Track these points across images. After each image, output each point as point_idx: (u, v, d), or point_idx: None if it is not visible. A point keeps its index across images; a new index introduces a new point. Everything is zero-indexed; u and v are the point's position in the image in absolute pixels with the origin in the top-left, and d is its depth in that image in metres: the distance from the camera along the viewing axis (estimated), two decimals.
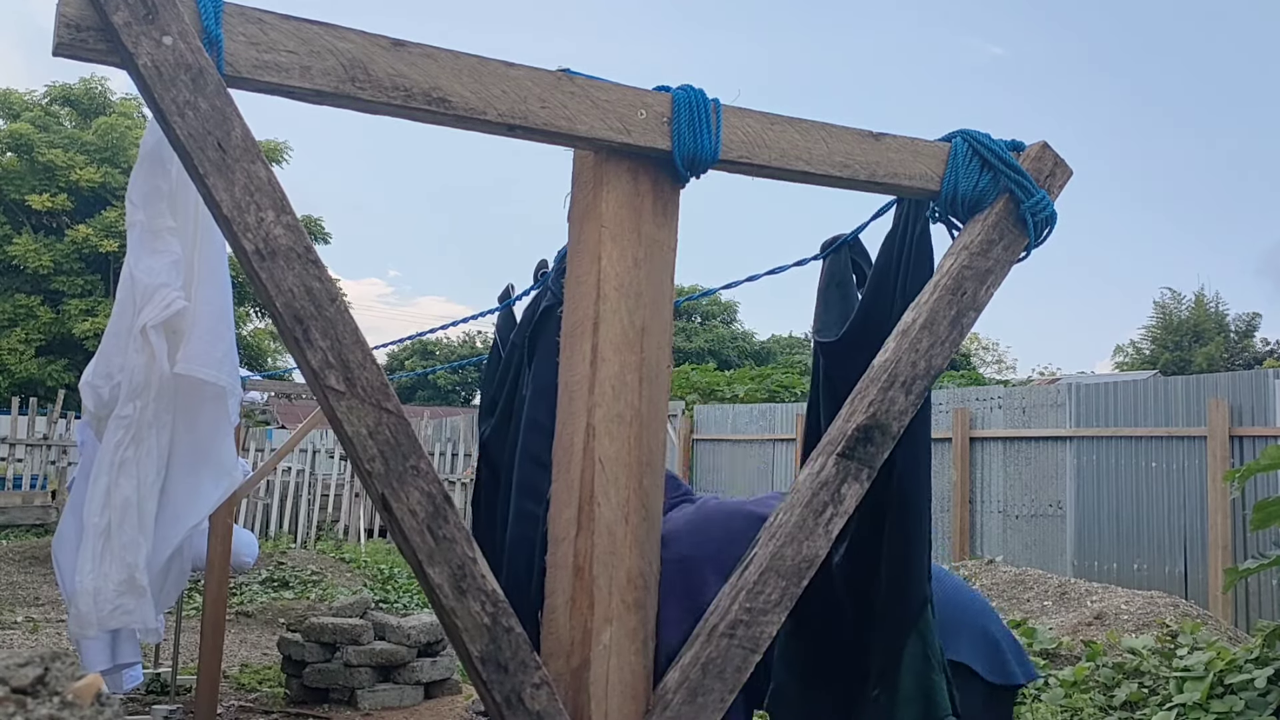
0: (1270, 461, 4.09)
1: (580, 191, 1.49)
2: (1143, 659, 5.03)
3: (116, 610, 3.07)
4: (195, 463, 3.31)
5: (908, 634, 1.62)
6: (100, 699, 0.83)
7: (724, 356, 33.26)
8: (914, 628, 1.62)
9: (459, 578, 1.26)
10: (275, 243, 1.20)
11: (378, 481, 1.24)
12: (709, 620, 1.42)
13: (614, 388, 1.41)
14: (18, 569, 10.09)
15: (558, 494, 1.46)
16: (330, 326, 1.23)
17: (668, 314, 1.48)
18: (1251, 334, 34.70)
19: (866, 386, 1.53)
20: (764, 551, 1.44)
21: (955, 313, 1.55)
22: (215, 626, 4.65)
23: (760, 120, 1.48)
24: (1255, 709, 4.07)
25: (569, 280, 1.49)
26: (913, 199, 1.70)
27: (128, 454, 3.10)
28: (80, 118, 23.39)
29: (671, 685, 1.38)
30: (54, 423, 15.05)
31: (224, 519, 4.59)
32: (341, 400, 1.23)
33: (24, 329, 20.99)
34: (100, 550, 3.06)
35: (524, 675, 1.29)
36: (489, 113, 1.31)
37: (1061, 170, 1.65)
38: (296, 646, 5.91)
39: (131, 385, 3.11)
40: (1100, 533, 8.41)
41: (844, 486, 1.48)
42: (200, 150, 1.18)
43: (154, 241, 3.10)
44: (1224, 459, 7.52)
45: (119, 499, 3.08)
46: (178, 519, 3.28)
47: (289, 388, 6.55)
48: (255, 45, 1.21)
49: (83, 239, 20.98)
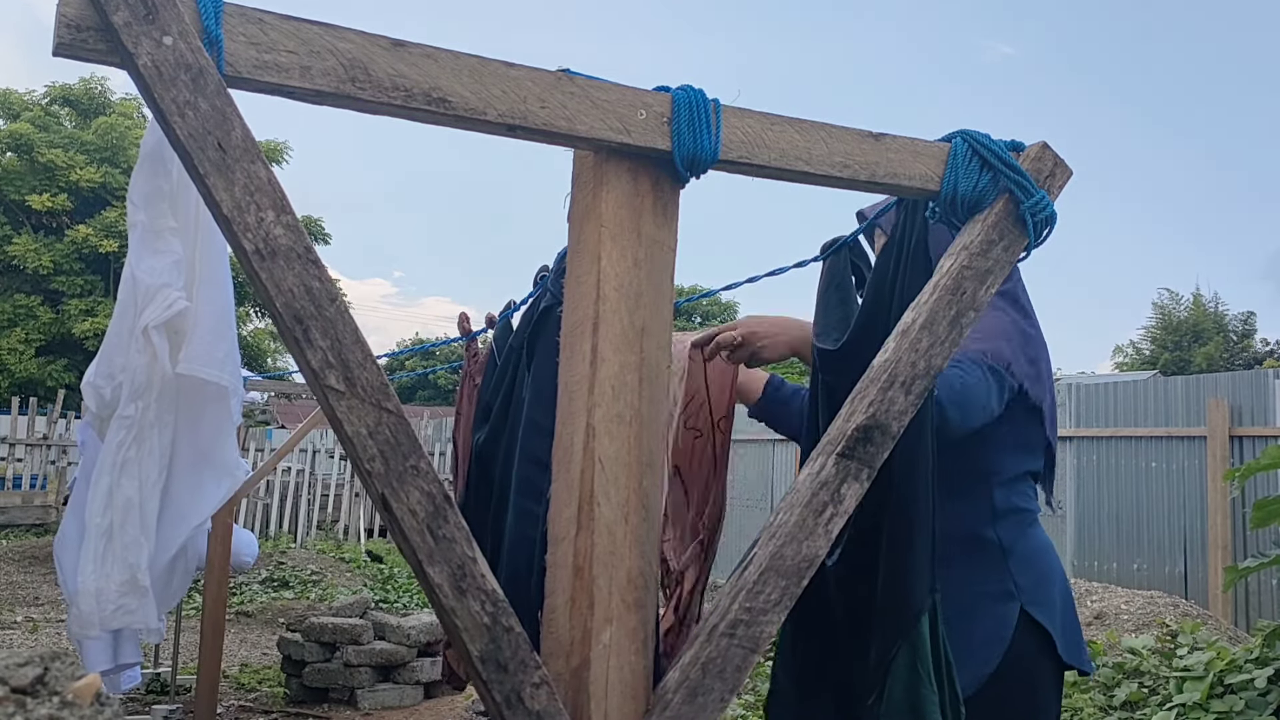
0: (1270, 461, 4.09)
1: (580, 192, 1.49)
2: (1143, 659, 5.03)
3: (119, 610, 3.07)
4: (197, 462, 3.31)
5: (899, 643, 1.61)
6: (100, 699, 0.84)
7: None
8: (905, 637, 1.60)
9: (459, 577, 1.26)
10: (275, 243, 1.20)
11: (378, 481, 1.24)
12: (708, 620, 1.42)
13: (614, 388, 1.41)
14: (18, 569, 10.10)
15: (558, 494, 1.46)
16: (330, 326, 1.23)
17: (668, 314, 1.48)
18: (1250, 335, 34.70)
19: (866, 386, 1.53)
20: (764, 551, 1.44)
21: (955, 313, 1.56)
22: (215, 626, 4.65)
23: (760, 120, 1.48)
24: (1255, 709, 4.07)
25: (569, 280, 1.49)
26: (912, 201, 1.70)
27: (130, 454, 3.10)
28: (80, 118, 23.39)
29: (671, 685, 1.38)
30: (54, 423, 15.07)
31: (224, 519, 4.59)
32: (341, 400, 1.23)
33: (24, 329, 20.99)
34: (102, 550, 3.06)
35: (524, 675, 1.29)
36: (489, 113, 1.32)
37: (1061, 170, 1.65)
38: (296, 646, 5.92)
39: (133, 385, 3.11)
40: (1100, 532, 8.41)
41: (844, 486, 1.48)
42: (200, 150, 1.18)
43: (155, 242, 3.10)
44: (1224, 459, 7.52)
45: (121, 499, 3.09)
46: (180, 519, 3.28)
47: (289, 388, 6.55)
48: (255, 45, 1.21)
49: (83, 239, 20.98)
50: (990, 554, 1.96)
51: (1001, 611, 1.92)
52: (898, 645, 1.60)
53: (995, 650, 1.89)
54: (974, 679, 1.86)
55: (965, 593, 1.91)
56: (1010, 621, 1.91)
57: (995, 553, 1.96)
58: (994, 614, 1.92)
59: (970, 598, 1.92)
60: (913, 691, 1.58)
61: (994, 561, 1.95)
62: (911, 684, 1.58)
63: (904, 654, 1.60)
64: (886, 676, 1.60)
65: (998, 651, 1.89)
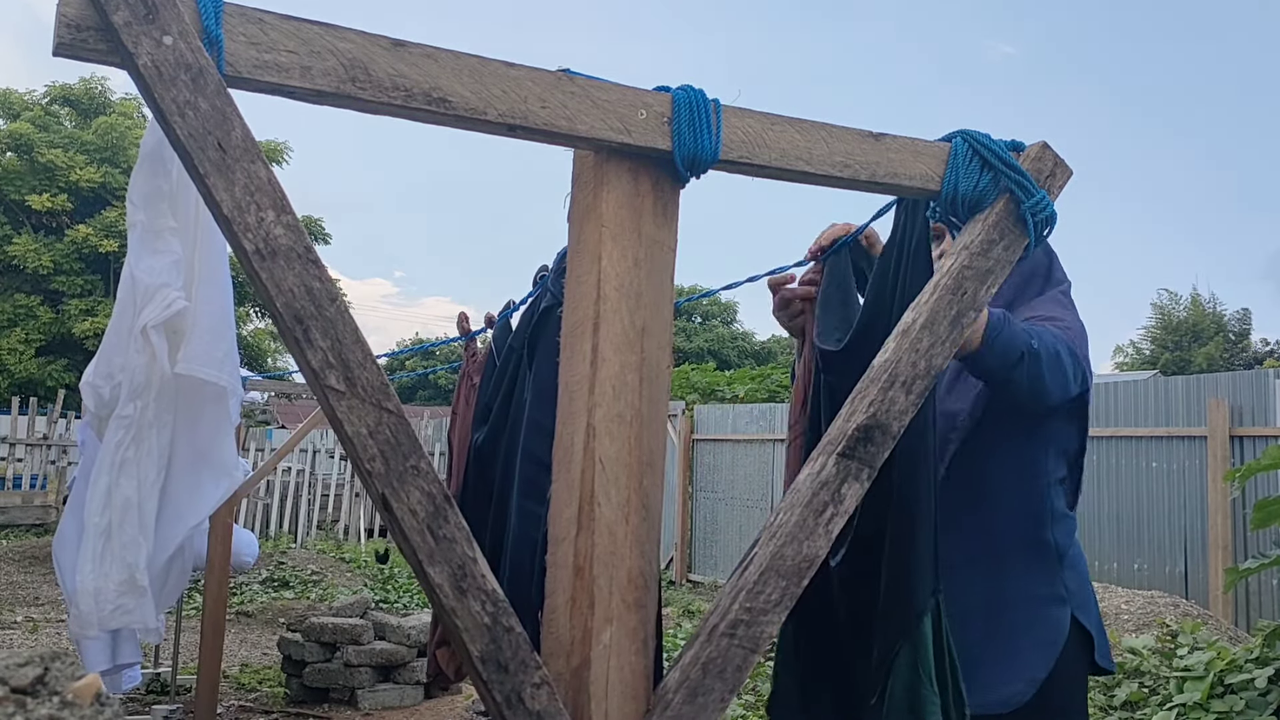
0: (1270, 461, 4.09)
1: (580, 192, 1.49)
2: (1143, 659, 5.03)
3: (117, 610, 3.07)
4: (196, 462, 3.31)
5: (901, 643, 1.60)
6: (100, 699, 0.83)
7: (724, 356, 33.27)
8: (908, 638, 1.60)
9: (459, 577, 1.26)
10: (275, 243, 1.20)
11: (378, 481, 1.24)
12: (709, 620, 1.42)
13: (614, 388, 1.41)
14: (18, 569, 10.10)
15: (558, 494, 1.46)
16: (330, 326, 1.23)
17: (668, 314, 1.48)
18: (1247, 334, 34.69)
19: (866, 386, 1.53)
20: (764, 551, 1.44)
21: (955, 313, 1.56)
22: (215, 626, 4.65)
23: (760, 120, 1.48)
24: (1255, 709, 4.07)
25: (569, 280, 1.49)
26: (912, 201, 1.70)
27: (128, 454, 3.10)
28: (80, 118, 23.38)
29: (671, 685, 1.38)
30: (54, 423, 15.07)
31: (224, 519, 4.59)
32: (342, 400, 1.23)
33: (24, 329, 20.98)
34: (101, 550, 3.06)
35: (524, 675, 1.29)
36: (489, 113, 1.32)
37: (1061, 170, 1.65)
38: (296, 646, 5.92)
39: (132, 385, 3.11)
40: (1100, 532, 8.41)
41: (844, 486, 1.48)
42: (200, 150, 1.18)
43: (155, 241, 3.10)
44: (1224, 459, 7.52)
45: (120, 499, 3.09)
46: (179, 519, 3.28)
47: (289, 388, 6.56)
48: (255, 45, 1.21)
49: (82, 239, 20.97)
50: (1047, 557, 1.94)
51: (1056, 616, 1.91)
52: (899, 645, 1.60)
53: (1049, 655, 1.88)
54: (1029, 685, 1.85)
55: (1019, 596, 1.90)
56: (1064, 627, 1.90)
57: (1051, 556, 1.94)
58: (1048, 619, 1.90)
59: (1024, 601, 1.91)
60: (913, 692, 1.58)
61: (1050, 565, 1.94)
62: (912, 684, 1.58)
63: (905, 654, 1.59)
64: (888, 677, 1.60)
65: (1051, 656, 1.88)
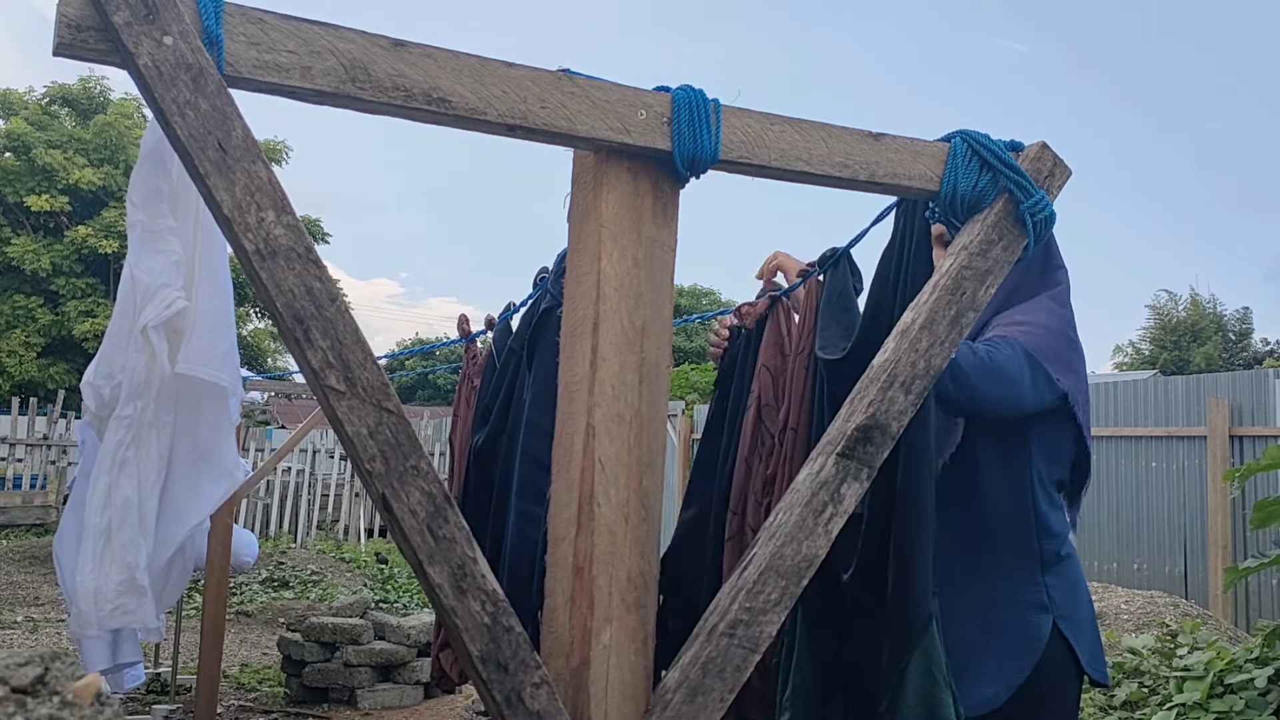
0: (1270, 461, 4.09)
1: (580, 192, 1.49)
2: (1143, 659, 5.03)
3: (117, 610, 3.07)
4: (196, 462, 3.31)
5: (911, 651, 1.60)
6: (100, 699, 0.84)
7: None
8: (919, 645, 1.60)
9: (459, 577, 1.26)
10: (276, 243, 1.20)
11: (378, 481, 1.24)
12: (708, 620, 1.42)
13: (614, 388, 1.41)
14: (18, 569, 10.09)
15: (558, 494, 1.46)
16: (330, 326, 1.23)
17: (668, 314, 1.48)
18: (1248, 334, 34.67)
19: (866, 386, 1.53)
20: (764, 551, 1.44)
21: (954, 313, 1.56)
22: (215, 626, 4.65)
23: (760, 120, 1.48)
24: (1255, 709, 4.07)
25: (569, 280, 1.49)
26: (911, 202, 1.70)
27: (129, 454, 3.10)
28: (79, 117, 23.35)
29: (671, 685, 1.38)
30: (54, 423, 15.06)
31: (224, 519, 4.59)
32: (342, 400, 1.23)
33: (24, 331, 20.96)
34: (101, 550, 3.06)
35: (524, 675, 1.29)
36: (489, 113, 1.32)
37: (1060, 170, 1.65)
38: (296, 646, 5.92)
39: (132, 385, 3.11)
40: (1100, 532, 8.41)
41: (844, 486, 1.48)
42: (201, 150, 1.18)
43: (155, 242, 3.10)
44: (1224, 459, 7.52)
45: (120, 499, 3.09)
46: (179, 519, 3.28)
47: (289, 388, 6.55)
48: (256, 45, 1.21)
49: (82, 240, 20.95)
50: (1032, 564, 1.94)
51: (1035, 622, 1.91)
52: (912, 652, 1.60)
53: (1027, 661, 1.88)
54: (1005, 688, 1.85)
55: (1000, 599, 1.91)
56: (1043, 634, 1.90)
57: (1035, 563, 1.94)
58: (1027, 624, 1.91)
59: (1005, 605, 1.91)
60: (928, 696, 1.58)
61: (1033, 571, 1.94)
62: (927, 689, 1.58)
63: (918, 660, 1.59)
64: (901, 683, 1.60)
65: (1029, 662, 1.88)
